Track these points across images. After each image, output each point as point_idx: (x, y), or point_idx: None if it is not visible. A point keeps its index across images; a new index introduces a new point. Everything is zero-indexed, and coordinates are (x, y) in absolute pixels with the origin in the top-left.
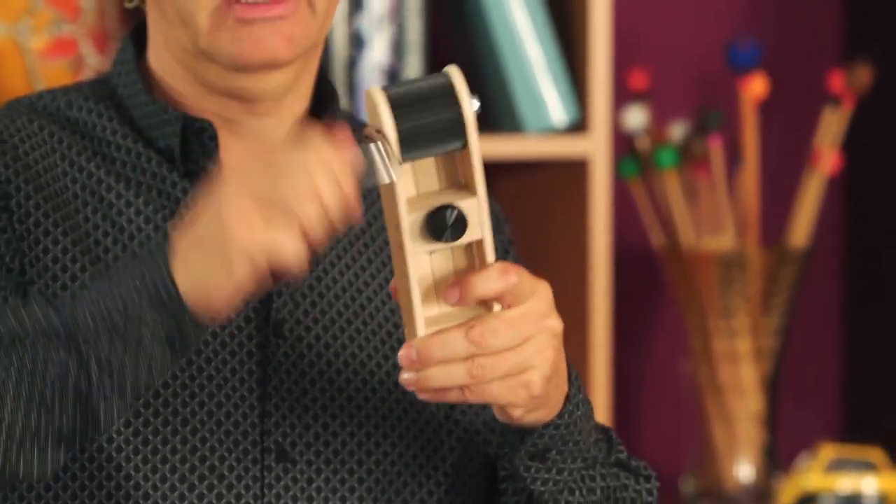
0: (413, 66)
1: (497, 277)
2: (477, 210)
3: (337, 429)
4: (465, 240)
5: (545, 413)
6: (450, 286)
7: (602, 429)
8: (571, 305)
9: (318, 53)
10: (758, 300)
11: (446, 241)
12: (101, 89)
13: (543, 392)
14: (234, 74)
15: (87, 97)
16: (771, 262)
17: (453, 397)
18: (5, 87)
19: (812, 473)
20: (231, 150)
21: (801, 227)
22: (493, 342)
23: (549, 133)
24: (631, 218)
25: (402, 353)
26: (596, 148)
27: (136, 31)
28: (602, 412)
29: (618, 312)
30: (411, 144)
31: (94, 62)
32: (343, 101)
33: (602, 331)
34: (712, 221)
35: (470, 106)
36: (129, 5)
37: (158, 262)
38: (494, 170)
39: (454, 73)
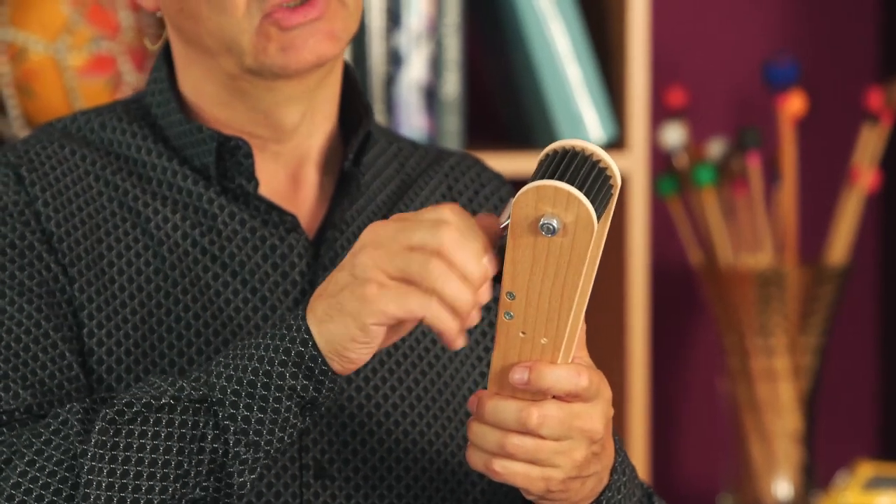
0: (451, 84)
1: (568, 377)
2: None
3: (375, 445)
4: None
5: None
6: (520, 365)
7: (645, 493)
8: (609, 323)
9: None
10: (796, 318)
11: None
12: (134, 109)
13: (561, 489)
14: (281, 83)
15: (121, 118)
16: (809, 280)
17: (478, 462)
18: (44, 104)
19: (850, 491)
20: (266, 166)
21: (840, 244)
22: (541, 429)
23: None
24: (669, 235)
25: (471, 400)
26: (634, 165)
27: (168, 50)
28: (640, 430)
29: (656, 330)
30: None
31: (132, 79)
32: (382, 118)
33: (640, 348)
34: (750, 239)
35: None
36: (153, 48)
37: (298, 326)
38: None
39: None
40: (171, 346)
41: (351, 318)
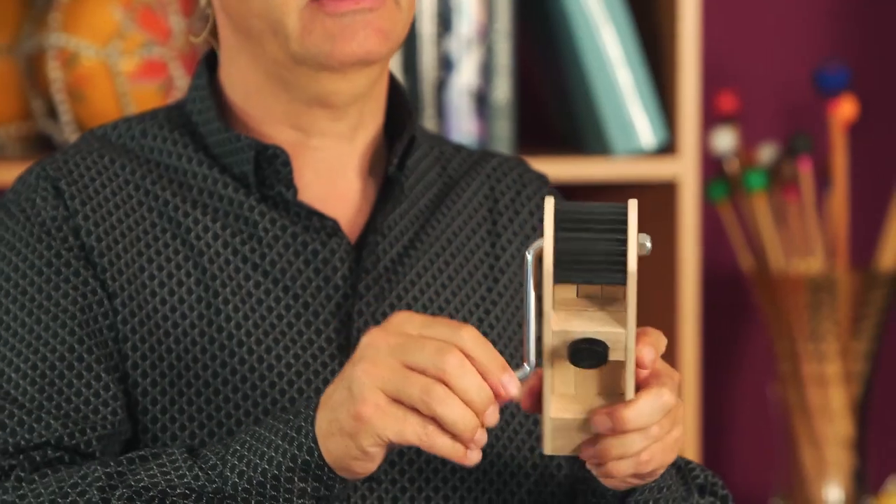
0: (501, 89)
1: (652, 407)
2: (623, 340)
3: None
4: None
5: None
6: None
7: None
8: (660, 328)
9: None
10: (847, 323)
11: (583, 367)
12: (175, 116)
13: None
14: (326, 76)
15: (162, 125)
16: (860, 286)
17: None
18: (96, 109)
19: None
20: (306, 171)
21: (891, 250)
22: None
23: (637, 156)
24: (720, 241)
25: (596, 420)
26: (685, 170)
27: (209, 57)
28: (691, 435)
29: (706, 335)
30: (568, 267)
31: (183, 84)
32: (433, 123)
33: (691, 353)
34: (801, 244)
35: (636, 245)
36: (195, 41)
37: (307, 432)
38: (584, 192)
39: (632, 208)
40: (214, 356)
41: (349, 438)
